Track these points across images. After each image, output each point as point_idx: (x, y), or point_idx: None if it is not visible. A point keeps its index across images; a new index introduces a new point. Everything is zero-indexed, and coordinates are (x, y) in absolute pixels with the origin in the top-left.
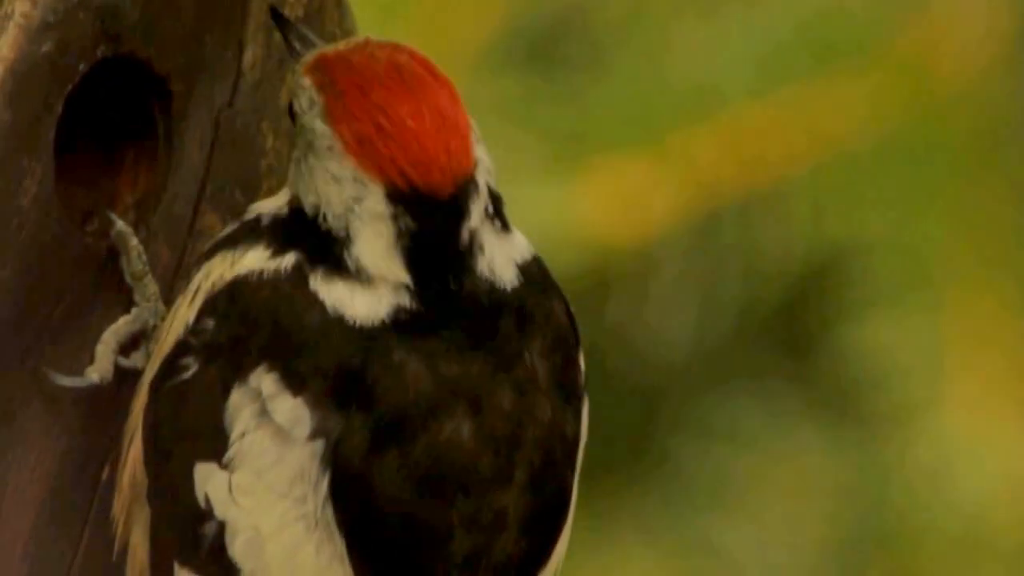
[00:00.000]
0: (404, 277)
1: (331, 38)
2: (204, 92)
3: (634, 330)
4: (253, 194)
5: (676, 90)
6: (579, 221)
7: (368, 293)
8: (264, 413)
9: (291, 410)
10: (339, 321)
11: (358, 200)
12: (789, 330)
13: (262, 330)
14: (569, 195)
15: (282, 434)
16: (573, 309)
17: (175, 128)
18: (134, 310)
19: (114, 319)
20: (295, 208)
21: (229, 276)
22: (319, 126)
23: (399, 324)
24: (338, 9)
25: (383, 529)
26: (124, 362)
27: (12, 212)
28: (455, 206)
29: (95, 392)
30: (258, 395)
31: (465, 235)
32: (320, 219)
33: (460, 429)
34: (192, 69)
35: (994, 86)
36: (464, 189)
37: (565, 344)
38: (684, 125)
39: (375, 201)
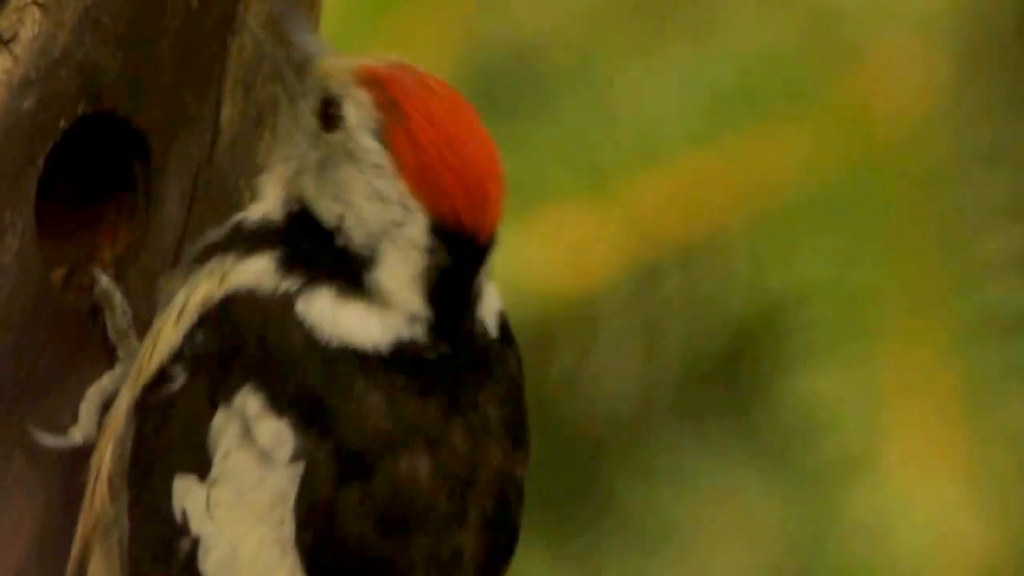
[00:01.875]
0: (421, 309)
1: None
2: (183, 148)
3: (579, 379)
4: None
5: (620, 138)
6: (523, 269)
7: (380, 318)
8: (247, 434)
9: (274, 432)
10: (335, 347)
11: (399, 225)
12: (732, 379)
13: (251, 348)
14: (512, 243)
15: (264, 456)
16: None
17: (155, 184)
18: (118, 367)
19: (97, 375)
20: (296, 213)
21: (221, 292)
22: (369, 142)
23: (393, 359)
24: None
25: (344, 564)
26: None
27: None
28: (485, 251)
29: (78, 450)
30: (242, 415)
31: (481, 280)
32: (339, 231)
33: (418, 466)
34: (172, 125)
35: (931, 135)
36: (494, 237)
37: (517, 394)
38: (627, 173)
39: (418, 230)
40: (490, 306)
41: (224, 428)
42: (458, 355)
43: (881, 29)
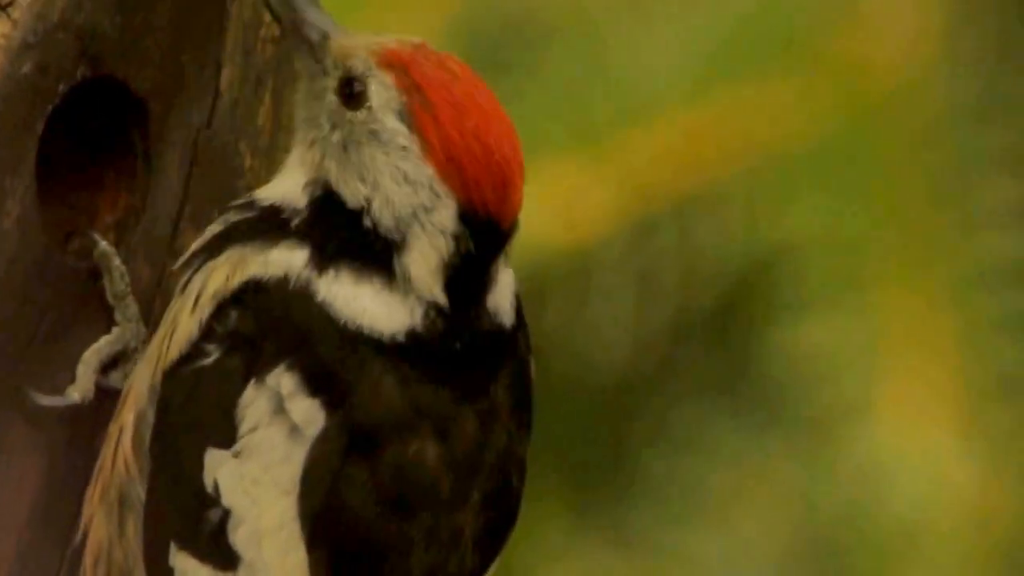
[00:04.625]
0: (441, 298)
1: None
2: (182, 113)
3: (574, 331)
4: None
5: (613, 93)
6: None
7: (398, 304)
8: (280, 410)
9: (307, 409)
10: (352, 329)
11: (428, 210)
12: (726, 330)
13: (284, 330)
14: None
15: (295, 431)
16: None
17: (154, 148)
18: (115, 330)
19: (95, 338)
20: (319, 198)
21: (239, 279)
22: (395, 124)
23: (408, 345)
24: None
25: (342, 536)
26: (104, 382)
27: None
28: (506, 239)
29: (77, 411)
30: (275, 393)
31: (496, 267)
32: (366, 213)
33: (426, 451)
34: (170, 90)
35: (924, 88)
36: (516, 223)
37: (525, 374)
38: (621, 128)
39: (447, 216)
40: (505, 291)
41: (252, 403)
42: (470, 345)
43: None
